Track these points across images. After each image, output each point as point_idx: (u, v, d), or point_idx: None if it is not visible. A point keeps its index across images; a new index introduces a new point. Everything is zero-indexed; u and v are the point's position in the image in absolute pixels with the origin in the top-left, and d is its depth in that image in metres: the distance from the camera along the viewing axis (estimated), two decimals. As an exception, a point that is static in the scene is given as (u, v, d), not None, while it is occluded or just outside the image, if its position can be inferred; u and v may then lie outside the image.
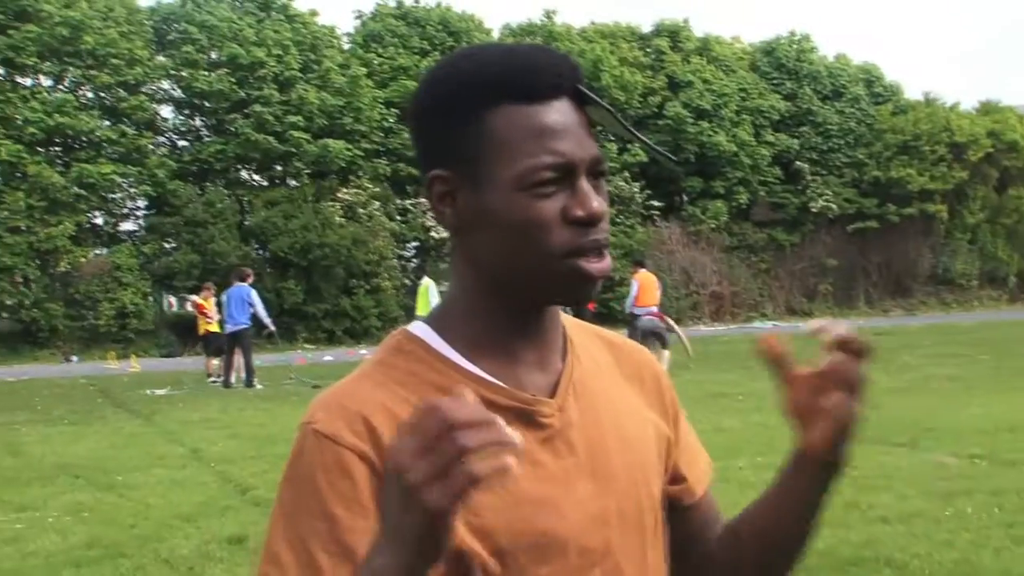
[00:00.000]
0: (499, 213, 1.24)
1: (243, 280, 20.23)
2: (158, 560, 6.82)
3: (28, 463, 11.30)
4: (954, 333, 27.16)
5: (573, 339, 1.40)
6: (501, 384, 1.28)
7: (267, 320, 20.86)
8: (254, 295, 20.12)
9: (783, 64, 47.32)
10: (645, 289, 21.74)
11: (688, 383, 16.35)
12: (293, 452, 1.25)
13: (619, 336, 1.53)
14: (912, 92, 50.56)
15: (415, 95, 1.32)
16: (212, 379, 21.24)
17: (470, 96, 1.25)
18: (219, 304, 21.09)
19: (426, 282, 20.76)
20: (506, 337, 1.31)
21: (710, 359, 20.61)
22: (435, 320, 1.35)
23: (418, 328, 1.34)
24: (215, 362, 21.57)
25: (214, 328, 21.16)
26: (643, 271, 21.31)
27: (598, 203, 1.24)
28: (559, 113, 1.24)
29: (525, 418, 1.27)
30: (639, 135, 1.35)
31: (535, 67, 1.25)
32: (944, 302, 47.04)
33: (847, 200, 46.03)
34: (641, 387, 1.45)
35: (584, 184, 1.25)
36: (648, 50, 45.90)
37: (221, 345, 20.88)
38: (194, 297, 23.40)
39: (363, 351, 30.30)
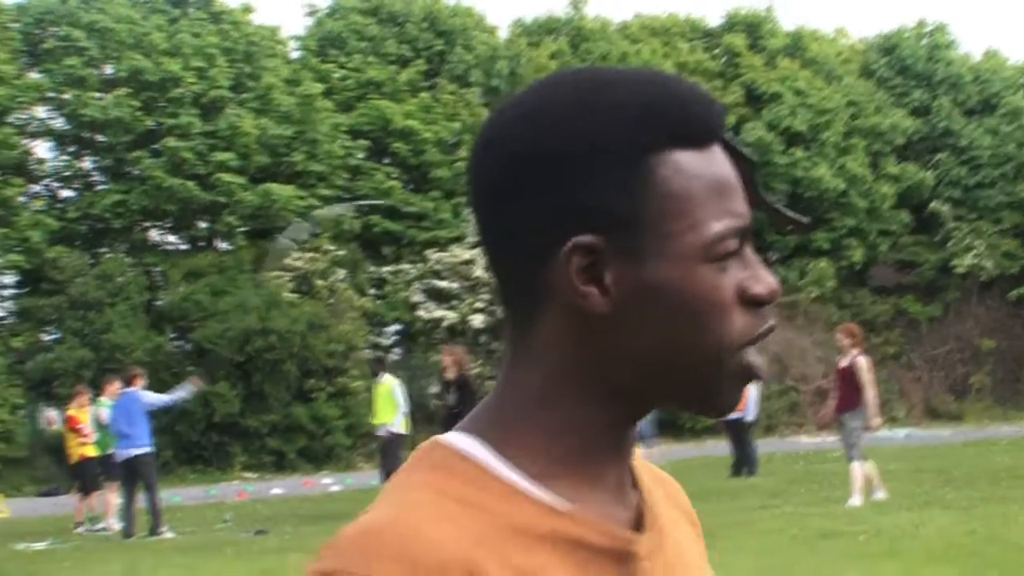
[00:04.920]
0: (675, 292, 1.24)
1: (130, 384, 19.89)
2: None
3: None
4: None
5: None
6: (592, 518, 1.28)
7: (178, 396, 20.98)
8: (148, 396, 19.89)
9: (909, 66, 47.49)
10: None
11: (780, 516, 16.22)
12: None
13: (647, 461, 1.57)
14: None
15: (513, 134, 1.28)
16: (82, 527, 21.11)
17: (629, 136, 1.24)
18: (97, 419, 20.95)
19: (388, 380, 21.31)
20: (596, 455, 1.32)
21: (815, 483, 20.45)
22: (488, 429, 1.32)
23: (462, 441, 1.31)
24: (93, 501, 21.47)
25: (91, 452, 21.05)
26: None
27: (774, 277, 1.28)
28: (724, 164, 1.28)
29: (622, 560, 1.29)
30: (768, 196, 1.38)
31: (698, 102, 1.27)
32: None
33: (1007, 255, 45.78)
34: (686, 519, 1.50)
35: (753, 254, 1.28)
36: (717, 51, 46.26)
37: (97, 476, 20.90)
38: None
39: (327, 480, 30.19)
